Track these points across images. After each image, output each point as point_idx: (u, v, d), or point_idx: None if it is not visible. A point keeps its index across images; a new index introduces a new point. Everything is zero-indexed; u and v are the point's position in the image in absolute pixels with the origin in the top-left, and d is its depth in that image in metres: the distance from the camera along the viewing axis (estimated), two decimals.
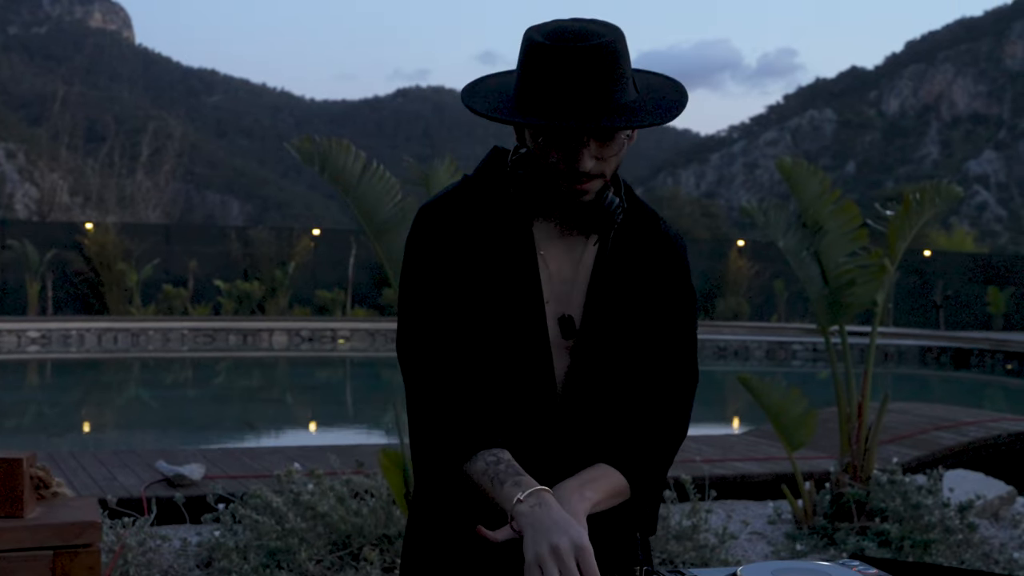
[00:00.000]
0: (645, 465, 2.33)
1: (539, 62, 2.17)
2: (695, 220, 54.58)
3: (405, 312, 2.37)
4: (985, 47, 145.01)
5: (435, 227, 2.34)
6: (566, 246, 2.35)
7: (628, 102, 2.20)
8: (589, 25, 2.21)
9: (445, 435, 2.26)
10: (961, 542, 6.38)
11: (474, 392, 2.27)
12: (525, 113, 2.18)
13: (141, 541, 5.86)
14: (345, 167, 5.87)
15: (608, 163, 2.24)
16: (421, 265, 2.34)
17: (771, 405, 6.92)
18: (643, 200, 2.47)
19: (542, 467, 2.28)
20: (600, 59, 2.15)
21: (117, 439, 14.22)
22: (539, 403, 2.31)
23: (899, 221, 6.87)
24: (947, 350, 26.12)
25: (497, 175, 2.36)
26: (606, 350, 2.34)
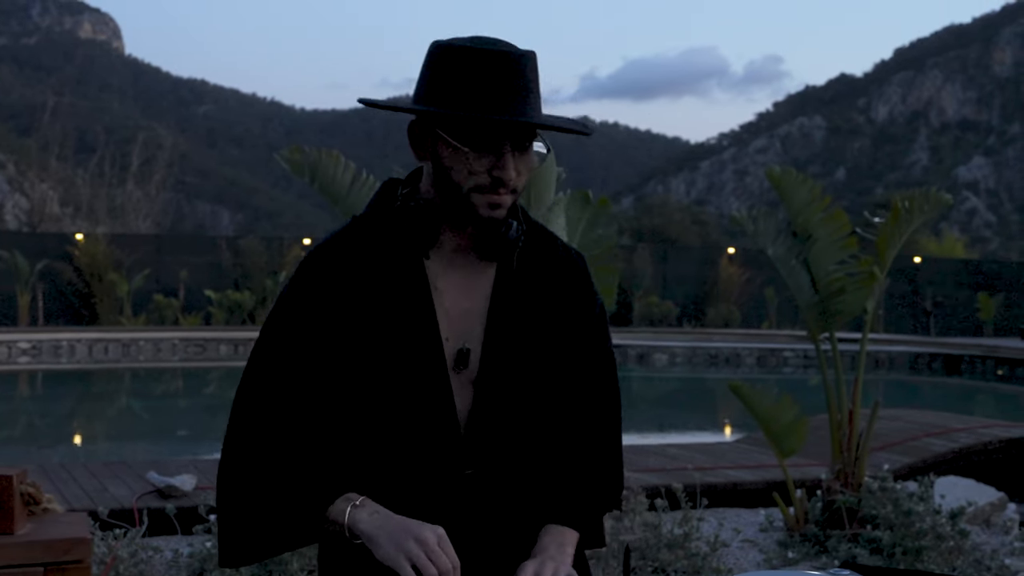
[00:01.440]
0: (591, 508, 2.34)
1: (461, 64, 2.12)
2: (685, 228, 54.58)
3: (255, 357, 2.29)
4: (974, 54, 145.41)
5: (319, 272, 2.26)
6: (462, 276, 2.28)
7: (544, 115, 2.19)
8: (502, 40, 2.20)
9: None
10: (953, 549, 6.39)
11: (308, 447, 2.21)
12: (461, 108, 2.13)
13: (133, 552, 5.84)
14: (335, 178, 5.88)
15: (522, 178, 2.20)
16: (289, 314, 2.27)
17: (762, 413, 6.93)
18: (538, 222, 2.40)
19: (449, 508, 2.25)
20: (524, 66, 2.14)
21: (108, 450, 14.20)
22: (442, 442, 2.24)
23: (888, 229, 6.89)
24: (938, 356, 26.16)
25: (388, 210, 2.27)
26: (508, 381, 2.27)
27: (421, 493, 2.24)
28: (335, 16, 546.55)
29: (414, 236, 2.22)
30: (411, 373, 2.23)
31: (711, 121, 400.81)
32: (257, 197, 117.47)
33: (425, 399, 2.23)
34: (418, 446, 2.25)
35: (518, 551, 2.26)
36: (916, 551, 6.30)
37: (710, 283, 34.71)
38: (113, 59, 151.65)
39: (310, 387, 2.23)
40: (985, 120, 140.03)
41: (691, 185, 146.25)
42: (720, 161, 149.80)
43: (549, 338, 2.31)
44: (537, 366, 2.30)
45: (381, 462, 2.26)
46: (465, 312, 2.27)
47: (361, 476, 2.25)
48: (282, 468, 2.20)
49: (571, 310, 2.35)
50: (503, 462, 2.29)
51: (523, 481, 2.31)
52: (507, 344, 2.27)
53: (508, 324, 2.28)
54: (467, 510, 2.26)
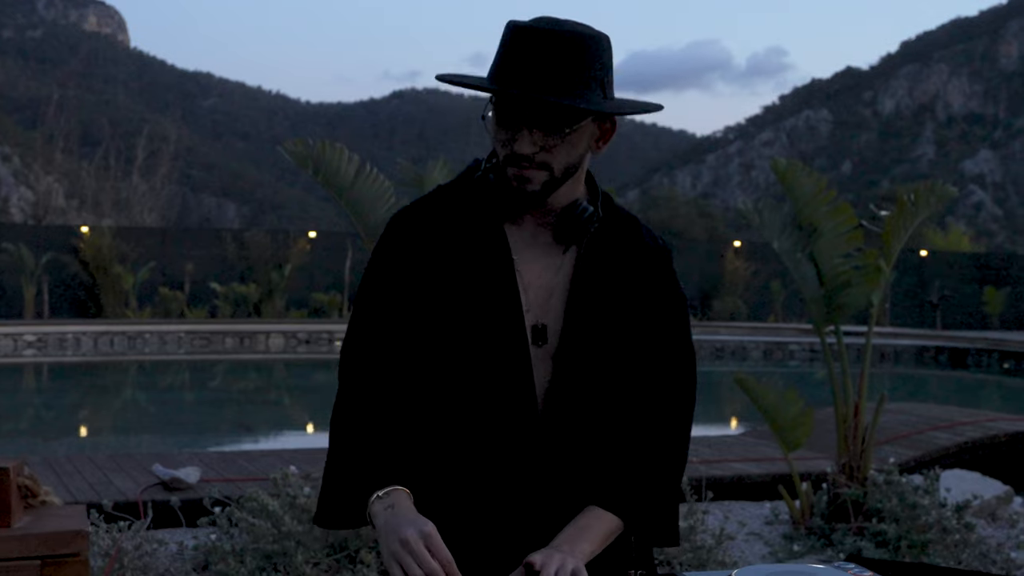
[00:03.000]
0: (639, 499, 2.29)
1: (508, 41, 2.17)
2: (691, 221, 54.57)
3: (353, 319, 2.36)
4: (980, 47, 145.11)
5: (404, 233, 2.32)
6: (541, 254, 2.30)
7: (586, 94, 2.16)
8: (574, 23, 2.20)
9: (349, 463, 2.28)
10: (958, 542, 6.38)
11: (393, 419, 2.28)
12: (481, 80, 2.18)
13: (137, 545, 5.84)
14: (339, 170, 5.87)
15: (553, 155, 2.19)
16: (382, 272, 2.33)
17: (768, 406, 6.92)
18: (623, 208, 2.42)
19: (524, 481, 2.26)
20: (564, 43, 2.13)
21: (113, 443, 14.20)
22: (519, 414, 2.26)
23: (894, 222, 6.87)
24: (944, 350, 26.13)
25: (470, 183, 2.32)
26: (588, 359, 2.28)
27: (496, 465, 2.26)
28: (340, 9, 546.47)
29: (489, 207, 2.28)
30: (491, 343, 2.25)
31: (716, 114, 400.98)
32: (262, 190, 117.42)
33: (504, 370, 2.25)
34: (495, 417, 2.26)
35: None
36: (921, 544, 6.29)
37: (716, 276, 34.69)
38: (118, 52, 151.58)
39: (400, 352, 2.29)
40: (991, 113, 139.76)
41: (697, 178, 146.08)
42: (726, 154, 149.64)
43: (626, 322, 2.32)
44: (613, 347, 2.30)
45: (459, 429, 2.29)
46: (545, 288, 2.29)
47: (439, 445, 2.29)
48: (365, 445, 2.27)
49: (650, 298, 2.36)
50: (578, 439, 2.29)
51: (592, 455, 2.31)
52: (586, 322, 2.28)
53: (588, 303, 2.29)
54: (540, 484, 2.27)
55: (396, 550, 2.07)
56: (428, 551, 2.06)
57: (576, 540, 2.19)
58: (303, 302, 31.85)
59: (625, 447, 2.31)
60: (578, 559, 2.15)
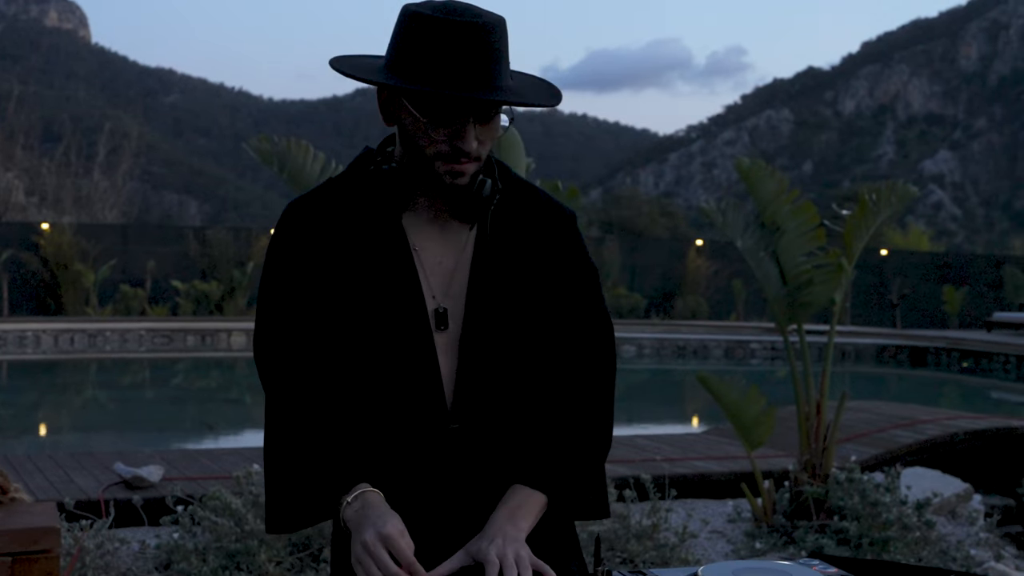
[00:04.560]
0: (562, 474, 2.27)
1: (423, 33, 2.12)
2: (653, 220, 54.68)
3: (261, 312, 2.33)
4: (940, 48, 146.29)
5: (301, 223, 2.31)
6: (442, 237, 2.29)
7: (509, 86, 2.17)
8: (473, 7, 2.18)
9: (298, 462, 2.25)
10: (919, 539, 6.43)
11: (330, 414, 2.26)
12: (416, 82, 2.13)
13: (99, 544, 5.81)
14: (303, 168, 5.86)
15: (485, 146, 2.21)
16: (282, 262, 2.32)
17: (730, 404, 6.95)
18: (521, 177, 2.40)
19: (437, 473, 2.26)
20: (486, 34, 2.12)
21: (74, 441, 14.11)
22: (427, 399, 2.25)
23: (856, 221, 6.92)
24: (904, 348, 26.31)
25: (364, 173, 2.30)
26: (492, 341, 2.27)
27: (409, 449, 2.26)
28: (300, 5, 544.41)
29: (388, 197, 2.25)
30: (395, 331, 2.24)
31: (678, 113, 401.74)
32: (224, 187, 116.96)
33: (409, 358, 2.24)
34: (404, 403, 2.26)
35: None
36: (883, 542, 6.34)
37: (678, 275, 34.80)
38: (79, 48, 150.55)
39: (316, 345, 2.27)
40: (951, 114, 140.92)
41: (659, 177, 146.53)
42: (688, 153, 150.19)
43: (533, 295, 2.30)
44: (521, 323, 2.29)
45: (372, 418, 2.28)
46: (446, 271, 2.27)
47: (363, 437, 2.28)
48: (303, 444, 2.25)
49: (558, 266, 2.33)
50: (489, 418, 2.28)
51: (509, 437, 2.29)
52: (490, 302, 2.27)
53: (490, 282, 2.27)
54: (455, 465, 2.26)
55: (357, 553, 2.09)
56: (388, 553, 2.06)
57: (514, 520, 2.18)
58: None
59: (545, 422, 2.29)
60: (522, 543, 2.15)
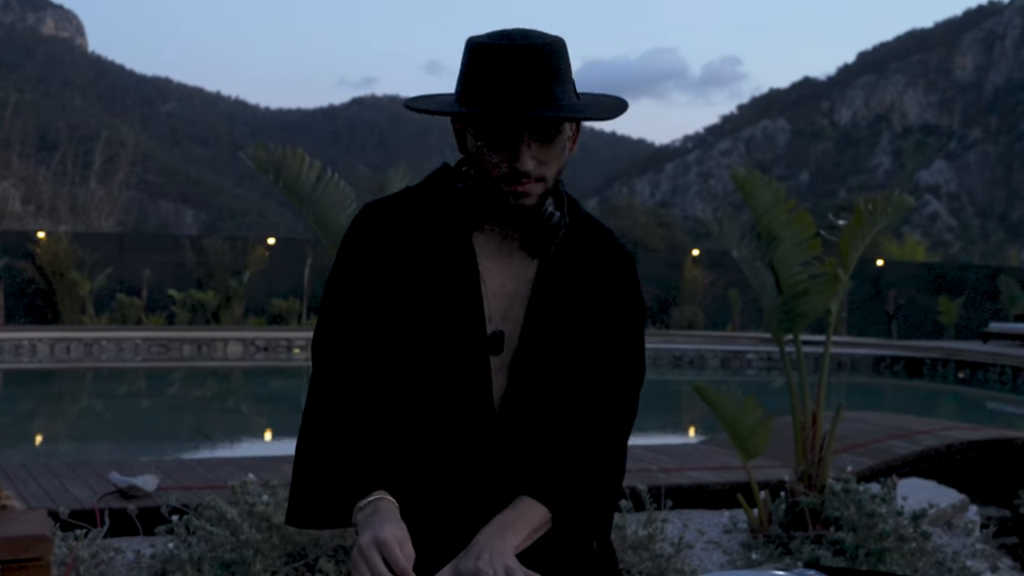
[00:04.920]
0: (570, 493, 2.29)
1: (481, 61, 2.18)
2: (650, 230, 54.67)
3: (324, 308, 2.38)
4: (936, 58, 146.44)
5: (376, 225, 2.34)
6: (507, 262, 2.32)
7: (568, 103, 2.21)
8: (532, 32, 2.23)
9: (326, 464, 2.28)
10: (915, 550, 6.42)
11: (369, 419, 2.29)
12: (465, 106, 2.20)
13: (94, 553, 5.80)
14: (300, 176, 5.85)
15: (548, 166, 2.24)
16: (351, 262, 2.34)
17: (726, 415, 6.94)
18: (590, 214, 2.45)
19: (479, 487, 2.29)
20: (541, 56, 2.17)
21: (70, 450, 14.09)
22: (476, 421, 2.28)
23: (852, 231, 6.92)
24: (900, 359, 26.32)
25: (440, 188, 2.34)
26: (545, 367, 2.31)
27: (453, 464, 2.29)
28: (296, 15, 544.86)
29: (460, 215, 2.29)
30: (452, 350, 2.28)
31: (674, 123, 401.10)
32: (221, 196, 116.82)
33: (463, 377, 2.28)
34: (454, 422, 2.29)
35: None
36: (879, 553, 6.33)
37: (675, 285, 34.80)
38: (76, 56, 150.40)
39: (371, 350, 2.30)
40: (947, 124, 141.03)
41: (656, 187, 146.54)
42: (684, 163, 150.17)
43: (585, 329, 2.34)
44: (571, 356, 2.33)
45: (420, 436, 2.31)
46: (507, 296, 2.31)
47: (406, 449, 2.31)
48: (336, 445, 2.28)
49: (610, 304, 2.38)
50: (530, 439, 2.31)
51: (543, 458, 2.32)
52: (544, 331, 2.31)
53: (548, 313, 2.31)
54: (495, 482, 2.29)
55: (353, 555, 2.11)
56: (382, 558, 2.08)
57: (502, 535, 2.19)
58: (261, 309, 31.70)
59: (561, 442, 2.32)
60: (509, 556, 2.16)
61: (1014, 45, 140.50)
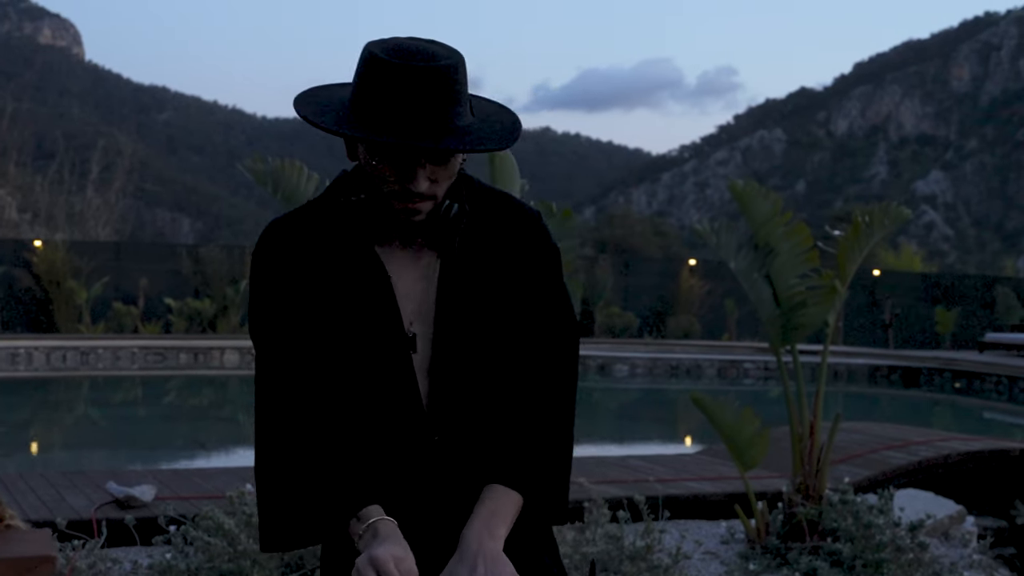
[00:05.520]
0: (537, 474, 2.31)
1: (379, 78, 2.15)
2: (646, 239, 54.77)
3: (257, 335, 2.36)
4: (932, 69, 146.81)
5: (280, 245, 2.34)
6: (412, 263, 2.33)
7: (465, 125, 2.19)
8: (430, 46, 2.20)
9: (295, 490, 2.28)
10: (912, 561, 6.43)
11: (323, 433, 2.29)
12: (363, 128, 2.17)
13: (91, 564, 5.80)
14: (298, 187, 5.86)
15: (441, 185, 2.24)
16: (266, 283, 2.34)
17: (724, 425, 6.95)
18: (489, 186, 2.44)
19: (420, 491, 2.31)
20: (441, 80, 2.14)
21: (66, 459, 14.07)
22: (409, 422, 2.30)
23: (849, 243, 6.93)
24: (896, 369, 26.34)
25: (340, 199, 2.33)
26: (465, 358, 2.32)
27: (394, 463, 2.31)
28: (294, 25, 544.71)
29: (360, 227, 2.30)
30: (376, 356, 2.30)
31: (670, 133, 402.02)
32: (217, 205, 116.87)
33: (390, 381, 2.30)
34: (387, 421, 2.31)
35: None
36: (876, 564, 6.33)
37: (671, 294, 34.81)
38: (73, 65, 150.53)
39: (304, 365, 2.31)
40: (943, 135, 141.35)
41: (652, 196, 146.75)
42: (681, 173, 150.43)
43: (502, 307, 2.35)
44: (490, 339, 2.34)
45: (357, 436, 2.33)
46: (418, 296, 2.32)
47: (352, 453, 2.32)
48: (299, 463, 2.28)
49: (524, 266, 2.38)
50: (467, 429, 2.33)
51: (486, 446, 2.34)
52: (456, 323, 2.32)
53: (456, 304, 2.32)
54: (438, 475, 2.32)
55: (360, 566, 2.12)
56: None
57: (491, 531, 2.22)
58: None
59: (515, 422, 2.33)
60: (502, 560, 2.18)
61: (1010, 56, 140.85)
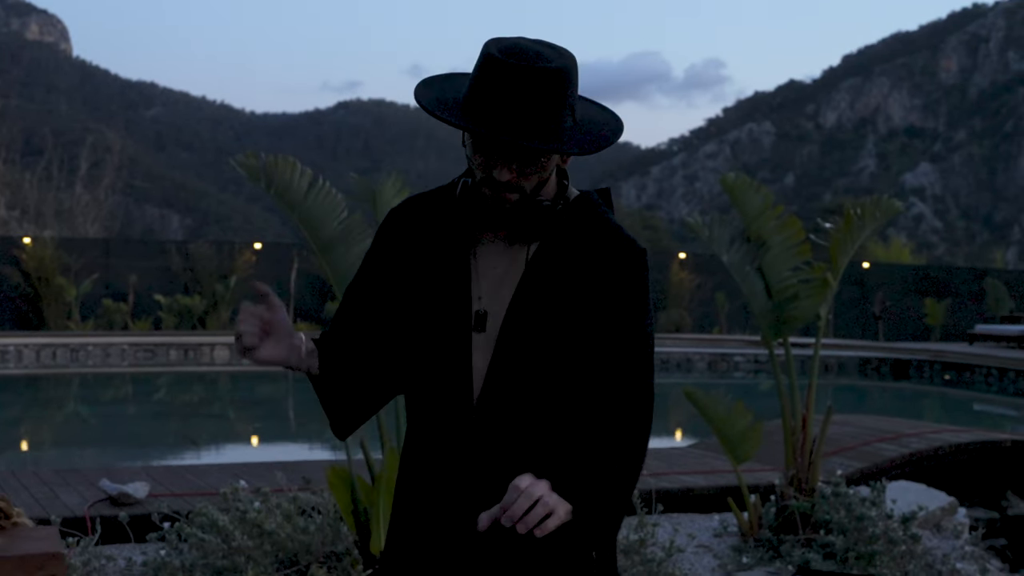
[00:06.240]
0: (593, 491, 2.31)
1: (487, 73, 2.25)
2: (636, 233, 54.64)
3: (342, 301, 2.62)
4: (920, 61, 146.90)
5: (393, 227, 2.51)
6: (505, 248, 2.40)
7: (558, 127, 2.26)
8: (545, 49, 2.28)
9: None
10: (904, 553, 6.45)
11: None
12: (460, 115, 2.28)
13: (86, 561, 5.80)
14: (291, 184, 5.84)
15: (528, 179, 2.32)
16: (369, 259, 2.53)
17: (717, 419, 6.96)
18: (605, 210, 2.48)
19: (456, 461, 2.35)
20: (544, 82, 2.23)
21: (57, 457, 14.05)
22: (455, 396, 2.35)
23: (841, 236, 6.95)
24: (886, 361, 26.38)
25: (458, 183, 2.45)
26: (526, 347, 2.35)
27: (434, 437, 2.39)
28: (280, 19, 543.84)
29: (462, 211, 2.41)
30: (437, 328, 2.38)
31: (659, 126, 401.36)
32: (206, 201, 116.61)
33: (444, 354, 2.37)
34: (435, 394, 2.38)
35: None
36: (869, 556, 6.35)
37: (661, 288, 34.84)
38: (61, 61, 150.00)
39: (372, 331, 2.50)
40: (931, 127, 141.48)
41: (641, 190, 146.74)
42: (670, 166, 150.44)
43: (578, 314, 2.37)
44: (558, 336, 2.36)
45: (412, 410, 2.46)
46: (497, 276, 2.39)
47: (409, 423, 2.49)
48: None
49: (612, 295, 2.40)
50: (512, 417, 2.35)
51: (529, 439, 2.36)
52: (530, 312, 2.36)
53: (536, 292, 2.37)
54: (473, 456, 2.35)
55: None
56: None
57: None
58: None
59: (584, 439, 2.35)
60: (546, 487, 2.23)
61: (998, 48, 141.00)
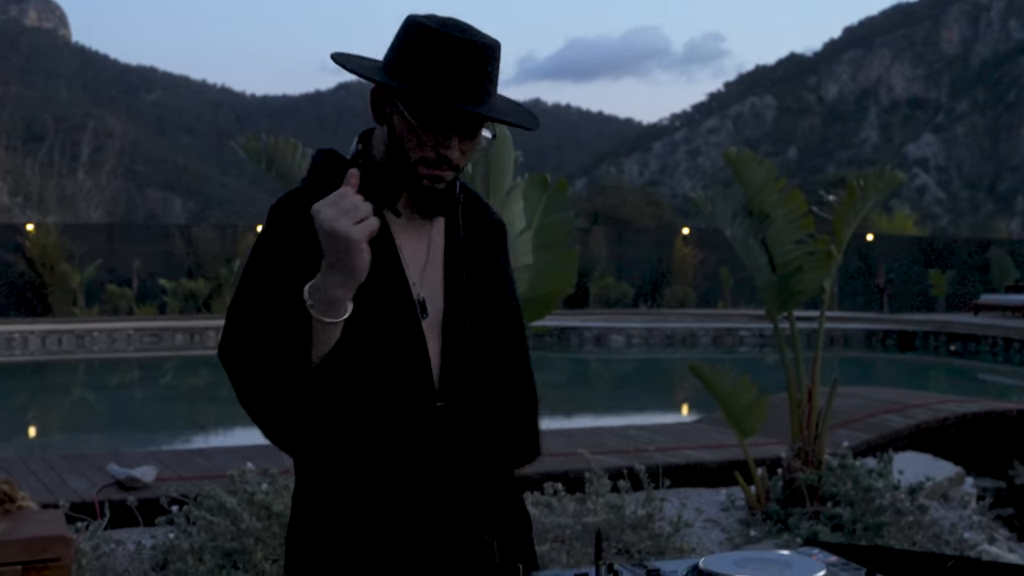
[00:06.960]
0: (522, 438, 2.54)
1: (429, 45, 2.23)
2: (639, 209, 54.68)
3: (236, 310, 2.33)
4: (922, 32, 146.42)
5: (286, 221, 2.33)
6: (413, 231, 2.39)
7: (497, 105, 2.31)
8: (473, 28, 2.31)
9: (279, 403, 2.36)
10: (912, 524, 6.45)
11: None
12: (411, 87, 2.24)
13: (95, 546, 5.81)
14: (292, 165, 5.84)
15: (466, 157, 2.33)
16: (264, 261, 2.32)
17: (722, 393, 6.96)
18: (466, 184, 2.53)
19: (425, 448, 2.34)
20: (486, 56, 2.26)
21: (65, 442, 14.08)
22: (416, 384, 2.33)
23: (844, 208, 6.94)
24: (892, 333, 26.38)
25: (339, 173, 2.30)
26: (472, 328, 2.39)
27: (400, 428, 2.34)
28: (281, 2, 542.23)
29: (381, 192, 2.29)
30: (386, 320, 2.32)
31: (659, 101, 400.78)
32: (208, 184, 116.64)
33: (400, 346, 2.33)
34: (395, 386, 2.33)
35: (489, 477, 2.42)
36: (876, 527, 6.36)
37: (665, 264, 34.84)
38: (60, 47, 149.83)
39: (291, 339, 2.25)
40: (934, 98, 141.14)
41: (644, 166, 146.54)
42: (672, 142, 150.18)
43: (496, 290, 2.48)
44: (492, 315, 2.45)
45: (359, 400, 2.33)
46: (420, 262, 2.38)
47: (347, 430, 2.35)
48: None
49: (499, 268, 2.52)
50: (471, 395, 2.40)
51: (488, 413, 2.43)
52: (463, 290, 2.41)
53: (461, 275, 2.41)
54: (441, 440, 2.36)
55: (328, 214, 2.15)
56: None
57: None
58: None
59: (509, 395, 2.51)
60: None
61: (1000, 17, 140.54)
